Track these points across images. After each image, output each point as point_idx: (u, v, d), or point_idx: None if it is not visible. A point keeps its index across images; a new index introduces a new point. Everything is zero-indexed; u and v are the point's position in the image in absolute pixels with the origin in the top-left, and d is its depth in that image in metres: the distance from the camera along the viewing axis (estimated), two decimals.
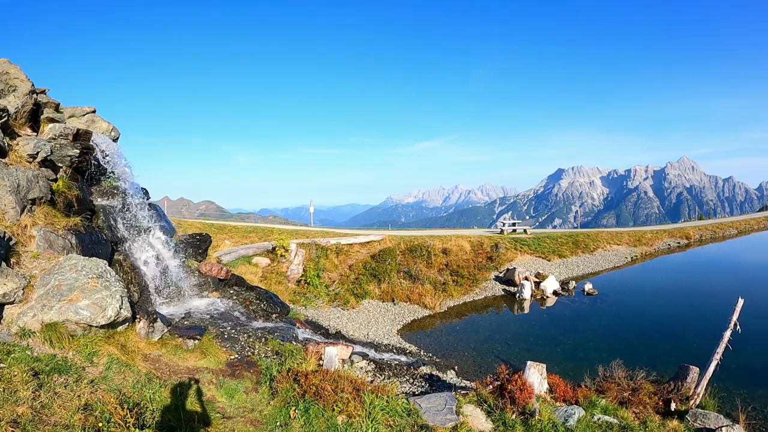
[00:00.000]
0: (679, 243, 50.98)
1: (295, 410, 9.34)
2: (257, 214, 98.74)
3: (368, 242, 33.34)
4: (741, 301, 16.00)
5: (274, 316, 18.36)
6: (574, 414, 11.33)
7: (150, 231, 17.26)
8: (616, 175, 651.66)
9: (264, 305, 18.84)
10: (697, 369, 15.07)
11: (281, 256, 26.41)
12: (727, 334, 15.27)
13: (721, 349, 15.01)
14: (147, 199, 18.30)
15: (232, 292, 19.04)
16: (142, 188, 18.26)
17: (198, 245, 21.07)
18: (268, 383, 10.69)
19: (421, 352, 20.22)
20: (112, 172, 16.95)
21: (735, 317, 15.60)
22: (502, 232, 43.31)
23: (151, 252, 16.62)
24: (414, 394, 12.21)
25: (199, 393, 9.41)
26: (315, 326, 20.40)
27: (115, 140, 17.15)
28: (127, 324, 10.90)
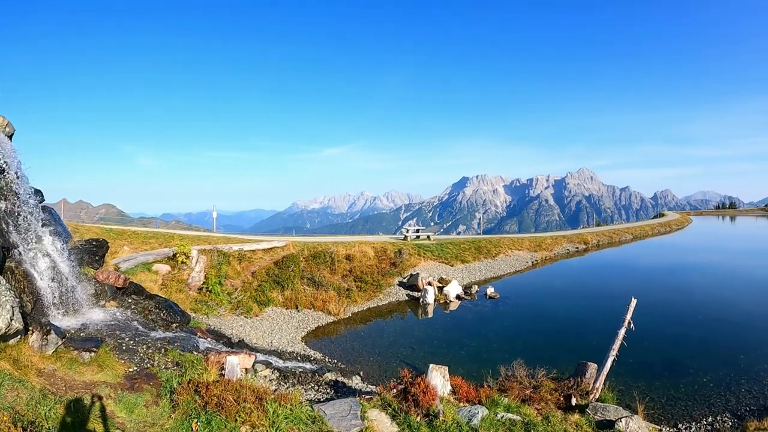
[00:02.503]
0: (577, 248, 53.55)
1: (197, 423, 9.17)
2: (159, 219, 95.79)
3: (271, 248, 33.02)
4: (634, 301, 17.09)
5: (174, 325, 17.83)
6: (478, 413, 11.65)
7: (44, 236, 16.41)
8: (518, 184, 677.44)
9: (164, 314, 18.25)
10: (595, 365, 15.96)
11: (182, 263, 25.69)
12: (622, 331, 16.24)
13: (616, 346, 15.96)
14: (41, 202, 17.35)
15: (130, 301, 18.33)
16: (36, 190, 17.28)
17: (95, 251, 20.22)
18: (168, 396, 10.42)
19: (326, 359, 20.23)
20: (3, 172, 15.97)
21: (629, 316, 16.63)
22: (405, 238, 43.93)
23: (45, 259, 15.82)
24: (319, 401, 12.20)
25: (97, 408, 9.06)
26: (217, 335, 19.97)
27: (9, 137, 16.15)
28: (19, 336, 10.37)
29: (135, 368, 11.97)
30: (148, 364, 12.42)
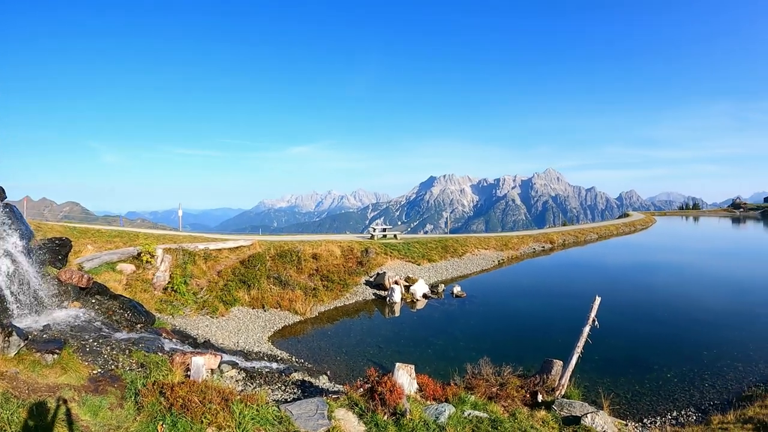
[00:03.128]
0: (543, 247, 54.36)
1: (162, 425, 9.12)
2: (124, 218, 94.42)
3: (238, 247, 32.84)
4: (598, 300, 17.45)
5: (138, 326, 17.63)
6: (445, 411, 11.76)
7: (5, 235, 16.07)
8: (486, 184, 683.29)
9: (128, 315, 18.02)
10: (561, 362, 16.26)
11: (147, 262, 25.41)
12: (586, 329, 16.57)
13: (581, 343, 16.27)
14: (3, 199, 16.96)
15: (94, 301, 18.04)
16: None
17: (58, 250, 19.85)
18: (133, 398, 10.32)
19: (293, 359, 20.24)
20: None
21: (593, 314, 16.97)
22: (372, 237, 44.06)
23: (6, 259, 15.52)
24: (286, 401, 12.18)
25: (62, 412, 8.95)
26: (182, 336, 19.81)
27: None
28: None
29: (99, 370, 11.82)
30: (113, 366, 12.27)
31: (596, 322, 16.99)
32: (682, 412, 15.56)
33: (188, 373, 12.72)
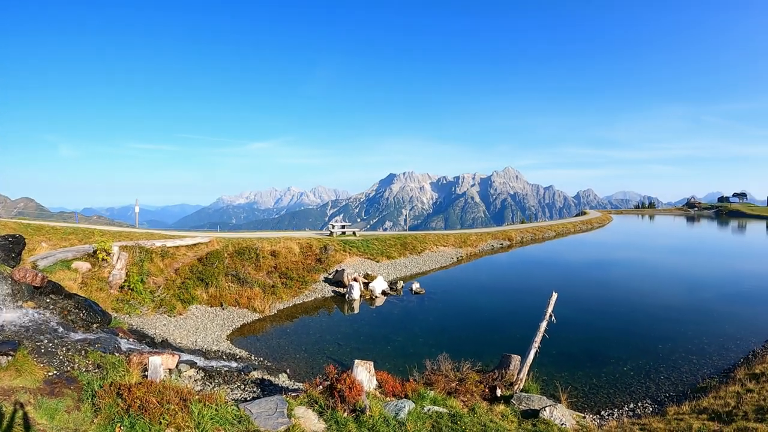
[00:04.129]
0: (502, 244, 55.17)
1: (120, 427, 9.08)
2: (80, 214, 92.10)
3: (195, 245, 32.54)
4: (555, 295, 17.86)
5: (95, 326, 17.40)
6: (405, 407, 11.91)
7: None
8: (445, 182, 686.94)
9: (84, 314, 17.73)
10: (519, 357, 16.63)
11: (103, 260, 24.98)
12: (543, 324, 16.95)
13: (538, 338, 16.64)
14: None
15: (49, 300, 17.68)
16: None
17: (11, 248, 19.47)
18: (90, 400, 10.24)
19: (252, 357, 20.20)
20: None
21: (550, 309, 17.36)
22: (331, 234, 44.12)
23: None
24: (245, 400, 12.18)
25: (18, 416, 8.85)
26: (140, 335, 19.61)
27: None
28: None
29: (55, 372, 11.67)
30: (69, 368, 12.11)
31: (553, 318, 17.39)
32: (639, 404, 16.15)
33: (146, 373, 12.64)
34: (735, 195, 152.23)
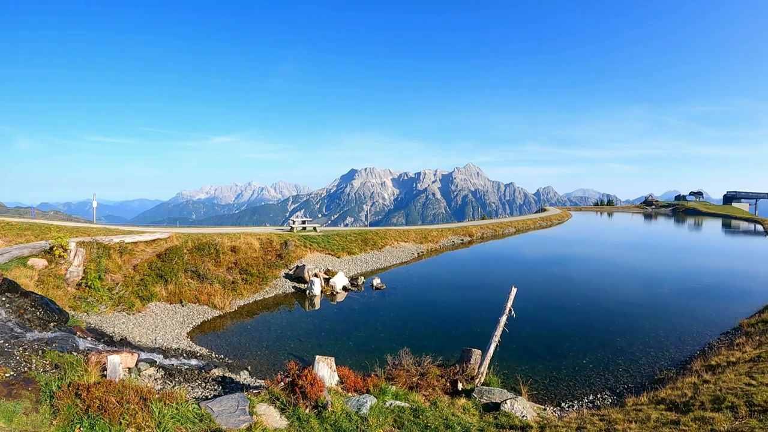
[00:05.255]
0: (462, 240, 55.74)
1: (79, 428, 9.05)
2: (36, 209, 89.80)
3: (154, 240, 32.14)
4: (514, 290, 18.24)
5: (52, 324, 17.12)
6: (367, 402, 12.08)
7: None
8: (406, 178, 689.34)
9: (40, 313, 17.47)
10: (479, 351, 16.95)
11: (60, 256, 24.56)
12: (503, 319, 17.29)
13: (498, 333, 16.97)
14: None
15: (4, 299, 17.38)
16: None
17: None
18: (48, 401, 10.13)
19: (213, 355, 20.12)
20: None
21: (509, 304, 17.73)
22: (292, 229, 44.01)
23: None
24: (206, 399, 12.17)
25: None
26: (98, 334, 19.37)
27: None
28: None
29: (12, 373, 11.50)
30: (26, 368, 11.94)
31: (513, 312, 17.76)
32: (598, 396, 16.68)
33: (105, 372, 12.53)
34: (692, 193, 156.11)
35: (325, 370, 13.60)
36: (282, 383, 12.62)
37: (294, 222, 45.84)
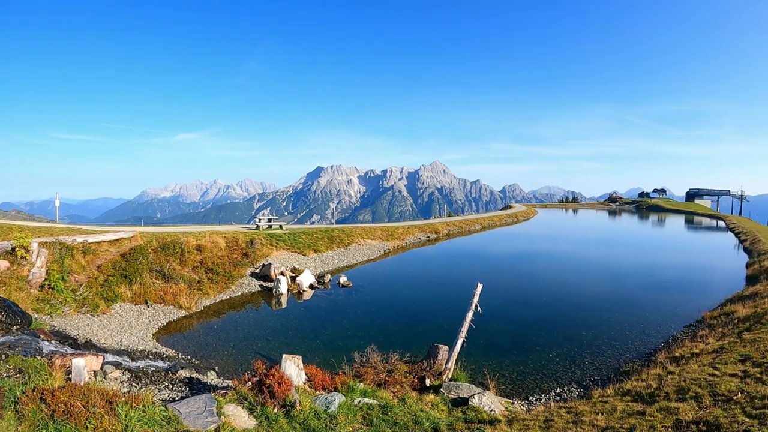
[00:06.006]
0: (429, 237, 56.09)
1: None
2: None
3: (118, 240, 31.71)
4: (480, 286, 18.55)
5: (14, 328, 16.94)
6: (335, 400, 12.15)
7: None
8: (373, 175, 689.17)
9: (2, 316, 17.20)
10: (446, 347, 17.21)
11: (21, 257, 24.12)
12: (469, 315, 17.60)
13: (465, 328, 17.26)
14: None
15: None
16: None
17: None
18: (13, 407, 10.00)
19: (180, 356, 20.05)
20: None
21: (475, 300, 18.04)
22: (258, 228, 43.89)
23: None
24: (173, 400, 12.15)
25: None
26: (62, 336, 19.16)
27: None
28: None
29: None
30: None
31: (479, 308, 18.08)
32: (565, 389, 17.12)
33: (69, 376, 12.47)
34: (655, 191, 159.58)
35: (293, 368, 13.62)
36: (249, 383, 12.62)
37: (260, 220, 45.68)
